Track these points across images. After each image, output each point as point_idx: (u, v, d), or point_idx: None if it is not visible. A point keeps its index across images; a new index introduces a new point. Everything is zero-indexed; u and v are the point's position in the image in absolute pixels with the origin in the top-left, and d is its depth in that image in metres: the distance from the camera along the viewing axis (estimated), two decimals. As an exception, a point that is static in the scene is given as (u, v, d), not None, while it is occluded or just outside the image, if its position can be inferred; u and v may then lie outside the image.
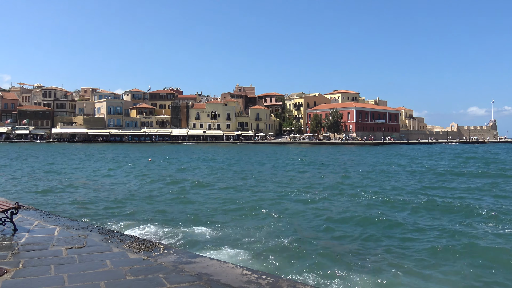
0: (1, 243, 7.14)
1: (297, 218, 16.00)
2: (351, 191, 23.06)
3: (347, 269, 10.16)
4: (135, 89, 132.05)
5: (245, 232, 13.48)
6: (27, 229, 8.22)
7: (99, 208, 17.62)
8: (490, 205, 18.48)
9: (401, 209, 17.89)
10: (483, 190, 23.59)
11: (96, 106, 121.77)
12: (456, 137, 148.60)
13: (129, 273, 5.68)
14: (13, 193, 21.23)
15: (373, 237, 13.22)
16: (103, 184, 25.91)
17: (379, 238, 13.10)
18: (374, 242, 12.72)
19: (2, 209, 7.86)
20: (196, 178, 29.46)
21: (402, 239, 12.94)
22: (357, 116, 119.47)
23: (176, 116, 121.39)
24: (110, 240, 7.52)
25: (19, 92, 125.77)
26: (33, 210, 10.68)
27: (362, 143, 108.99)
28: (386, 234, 13.50)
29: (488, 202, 19.67)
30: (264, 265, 10.31)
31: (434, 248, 11.79)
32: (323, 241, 12.73)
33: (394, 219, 15.51)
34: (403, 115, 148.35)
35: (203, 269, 5.95)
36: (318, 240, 12.77)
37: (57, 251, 6.74)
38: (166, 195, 21.38)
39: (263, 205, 18.34)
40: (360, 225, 14.73)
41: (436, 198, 20.30)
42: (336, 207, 18.14)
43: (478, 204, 18.75)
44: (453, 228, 14.17)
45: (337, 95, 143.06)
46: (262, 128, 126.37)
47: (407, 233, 13.64)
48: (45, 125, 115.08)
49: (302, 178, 30.30)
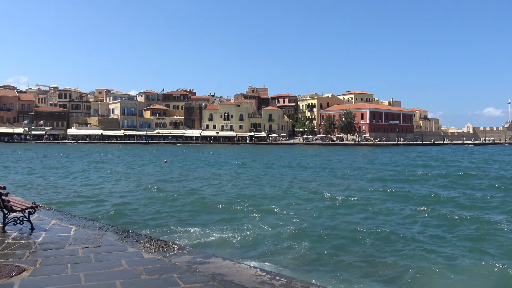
0: (19, 242, 7.27)
1: (318, 221, 15.93)
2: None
3: (368, 277, 10.05)
4: (149, 90, 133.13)
5: (261, 235, 13.48)
6: (44, 228, 8.35)
7: (112, 208, 17.81)
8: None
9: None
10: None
11: (111, 107, 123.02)
12: (471, 138, 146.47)
13: (144, 273, 5.74)
14: (32, 194, 21.57)
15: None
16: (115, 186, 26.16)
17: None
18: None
19: (20, 209, 8.00)
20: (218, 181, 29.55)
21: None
22: (371, 117, 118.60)
23: (189, 117, 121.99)
24: (125, 240, 7.61)
25: (36, 94, 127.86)
26: (50, 209, 10.85)
27: (375, 144, 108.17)
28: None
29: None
30: (278, 266, 10.29)
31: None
32: (352, 250, 12.59)
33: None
34: (417, 116, 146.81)
35: (217, 270, 5.98)
36: (344, 247, 12.67)
37: (73, 250, 6.84)
38: (183, 196, 21.49)
39: (279, 207, 18.32)
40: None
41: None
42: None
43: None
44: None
45: (351, 96, 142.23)
46: (275, 129, 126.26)
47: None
48: (61, 126, 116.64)
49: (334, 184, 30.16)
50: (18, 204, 8.29)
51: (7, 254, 6.48)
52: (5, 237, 7.57)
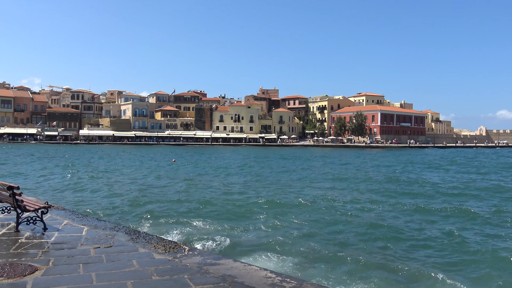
0: (32, 241, 7.35)
1: (334, 225, 15.87)
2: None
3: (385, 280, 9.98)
4: (160, 92, 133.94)
5: (272, 235, 13.46)
6: (57, 228, 8.44)
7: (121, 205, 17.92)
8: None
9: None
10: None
11: (122, 108, 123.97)
12: (484, 141, 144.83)
13: (155, 273, 5.76)
14: (43, 193, 21.80)
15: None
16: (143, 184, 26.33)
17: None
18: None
19: (33, 209, 8.09)
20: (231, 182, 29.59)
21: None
22: (382, 119, 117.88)
23: (200, 119, 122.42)
24: (136, 241, 7.65)
25: (49, 95, 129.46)
26: (62, 209, 10.96)
27: (386, 146, 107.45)
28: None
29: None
30: (289, 268, 10.26)
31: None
32: (362, 250, 12.51)
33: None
34: (429, 118, 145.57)
35: (227, 271, 5.99)
36: (356, 248, 12.60)
37: (85, 250, 6.90)
38: (195, 196, 21.56)
39: (293, 209, 18.29)
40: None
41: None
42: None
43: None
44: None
45: (362, 98, 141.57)
46: (285, 131, 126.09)
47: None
48: (73, 127, 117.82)
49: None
50: (31, 204, 8.38)
51: (21, 254, 6.55)
52: (18, 236, 7.66)
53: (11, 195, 7.98)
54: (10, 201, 8.12)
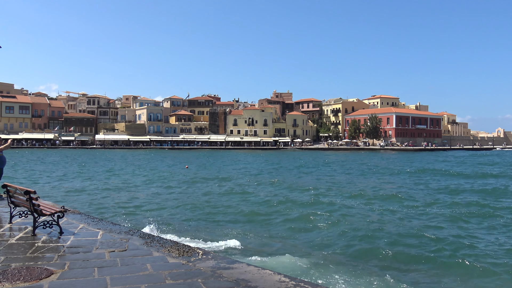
0: (48, 245, 7.43)
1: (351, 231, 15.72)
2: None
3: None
4: (174, 96, 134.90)
5: (286, 240, 13.40)
6: (72, 232, 8.52)
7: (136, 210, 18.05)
8: None
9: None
10: None
11: (137, 113, 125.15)
12: (502, 143, 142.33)
13: (169, 277, 5.77)
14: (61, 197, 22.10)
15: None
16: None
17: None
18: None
19: (50, 213, 8.19)
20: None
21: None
22: (397, 122, 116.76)
23: (214, 123, 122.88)
24: (151, 244, 7.68)
25: (65, 100, 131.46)
26: (78, 213, 11.07)
27: (402, 149, 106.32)
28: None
29: None
30: (305, 273, 10.19)
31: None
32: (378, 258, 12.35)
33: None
34: (445, 120, 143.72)
35: (241, 275, 5.96)
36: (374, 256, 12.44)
37: (100, 254, 6.94)
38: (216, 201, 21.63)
39: (310, 214, 18.19)
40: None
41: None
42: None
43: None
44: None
45: (376, 100, 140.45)
46: (299, 134, 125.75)
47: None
48: (89, 132, 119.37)
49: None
50: (48, 208, 8.48)
51: (37, 257, 6.63)
52: (35, 240, 7.75)
53: (28, 200, 8.09)
54: (27, 205, 8.24)
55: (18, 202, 8.94)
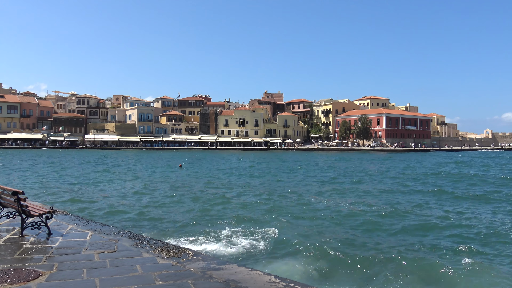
0: (37, 246, 7.36)
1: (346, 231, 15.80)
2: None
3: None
4: (165, 97, 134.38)
5: (276, 241, 13.41)
6: (61, 233, 8.45)
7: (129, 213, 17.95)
8: None
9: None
10: None
11: (127, 113, 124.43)
12: (490, 144, 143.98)
13: (159, 279, 5.74)
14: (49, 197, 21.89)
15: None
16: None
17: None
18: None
19: (38, 214, 8.11)
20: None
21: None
22: (387, 123, 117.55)
23: (205, 123, 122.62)
24: (140, 246, 7.64)
25: (55, 100, 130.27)
26: (67, 214, 10.97)
27: (392, 150, 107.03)
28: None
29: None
30: (293, 274, 10.21)
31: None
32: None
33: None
34: (434, 121, 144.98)
35: (231, 276, 5.95)
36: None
37: (89, 255, 6.89)
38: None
39: (299, 217, 18.23)
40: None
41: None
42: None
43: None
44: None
45: (366, 101, 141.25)
46: (290, 135, 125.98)
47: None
48: (79, 132, 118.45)
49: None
50: (36, 209, 8.40)
51: (25, 259, 6.56)
52: (23, 241, 7.67)
53: (15, 200, 8.00)
54: (15, 206, 8.15)
55: (5, 203, 8.84)
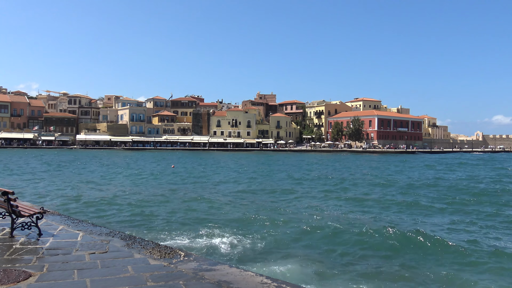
0: (27, 247, 7.30)
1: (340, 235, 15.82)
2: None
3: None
4: (157, 97, 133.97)
5: (268, 242, 13.42)
6: (52, 233, 8.39)
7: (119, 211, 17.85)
8: None
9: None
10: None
11: (119, 113, 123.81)
12: (481, 146, 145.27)
13: (150, 279, 5.73)
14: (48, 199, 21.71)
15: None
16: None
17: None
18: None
19: (28, 214, 8.04)
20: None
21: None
22: (379, 124, 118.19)
23: (197, 124, 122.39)
24: (132, 246, 7.61)
25: (46, 100, 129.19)
26: (58, 215, 10.90)
27: (383, 151, 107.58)
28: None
29: None
30: (285, 274, 10.22)
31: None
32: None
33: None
34: (426, 123, 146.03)
35: (223, 277, 5.95)
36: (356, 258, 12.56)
37: (80, 256, 6.86)
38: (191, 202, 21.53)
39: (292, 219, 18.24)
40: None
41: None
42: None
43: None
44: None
45: (359, 103, 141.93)
46: (283, 136, 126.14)
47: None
48: (70, 132, 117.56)
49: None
50: (27, 209, 8.33)
51: (15, 259, 6.51)
52: (13, 242, 7.61)
53: (5, 200, 7.94)
54: (5, 206, 8.08)
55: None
